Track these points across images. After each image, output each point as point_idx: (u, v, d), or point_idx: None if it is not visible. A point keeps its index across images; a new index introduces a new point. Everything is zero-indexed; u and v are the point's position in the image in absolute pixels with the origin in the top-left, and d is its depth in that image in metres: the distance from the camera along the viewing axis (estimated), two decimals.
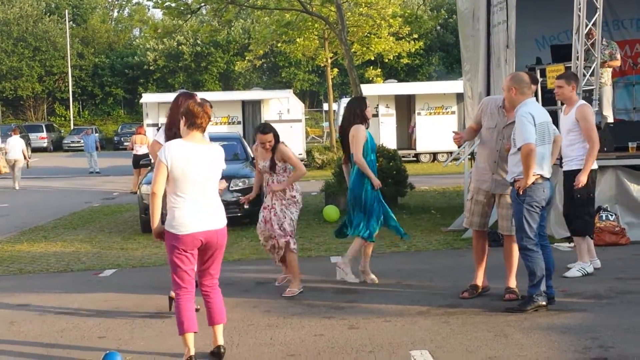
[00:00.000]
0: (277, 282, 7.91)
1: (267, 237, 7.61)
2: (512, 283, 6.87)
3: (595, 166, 7.80)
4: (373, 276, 7.85)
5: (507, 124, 6.66)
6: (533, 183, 6.29)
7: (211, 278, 5.57)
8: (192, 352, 5.31)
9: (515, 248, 6.75)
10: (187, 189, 5.30)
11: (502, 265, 7.02)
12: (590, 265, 7.83)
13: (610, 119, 11.02)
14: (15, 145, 22.38)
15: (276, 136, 7.70)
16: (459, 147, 7.29)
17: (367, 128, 7.84)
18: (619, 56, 11.12)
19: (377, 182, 7.68)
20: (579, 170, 7.60)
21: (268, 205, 7.65)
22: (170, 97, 28.39)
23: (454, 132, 7.10)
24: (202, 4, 20.44)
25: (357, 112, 7.80)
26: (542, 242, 6.49)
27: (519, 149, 6.25)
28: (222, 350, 5.46)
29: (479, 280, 7.06)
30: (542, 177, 6.35)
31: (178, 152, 5.28)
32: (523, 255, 6.41)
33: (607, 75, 10.78)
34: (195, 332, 5.34)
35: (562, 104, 8.25)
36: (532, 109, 6.35)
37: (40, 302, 7.56)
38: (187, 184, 5.30)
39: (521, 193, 6.31)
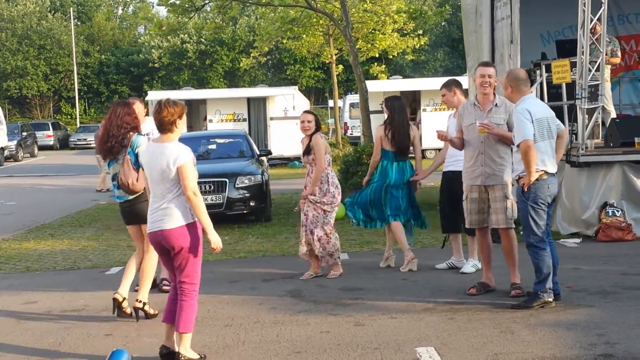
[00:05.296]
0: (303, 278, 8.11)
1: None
2: (517, 279, 6.87)
3: None
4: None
5: (484, 115, 6.83)
6: (537, 180, 6.29)
7: (180, 279, 5.45)
8: (165, 342, 5.48)
9: (514, 242, 6.83)
10: (150, 188, 5.58)
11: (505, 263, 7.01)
12: (479, 262, 7.62)
13: (613, 114, 11.00)
14: None
15: (317, 123, 8.07)
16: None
17: None
18: (619, 53, 11.11)
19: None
20: None
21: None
22: (175, 94, 28.45)
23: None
24: (207, 1, 20.43)
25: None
26: (546, 239, 6.48)
27: (519, 146, 6.27)
28: (171, 353, 5.39)
29: (488, 280, 7.06)
30: (546, 172, 6.35)
31: (143, 152, 5.71)
32: (530, 252, 6.41)
33: (607, 71, 10.75)
34: (167, 324, 5.47)
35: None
36: (529, 106, 6.34)
37: (47, 300, 7.60)
38: (149, 183, 5.57)
39: (526, 190, 6.31)
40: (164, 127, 5.43)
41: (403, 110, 8.28)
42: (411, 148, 8.30)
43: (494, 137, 6.80)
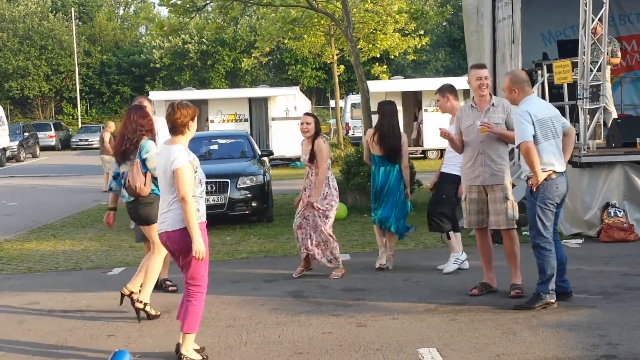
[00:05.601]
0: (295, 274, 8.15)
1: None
2: (518, 279, 6.86)
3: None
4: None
5: (482, 115, 6.85)
6: (545, 179, 6.27)
7: (185, 280, 5.48)
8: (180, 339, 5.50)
9: (516, 242, 6.82)
10: (160, 189, 5.63)
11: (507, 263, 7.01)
12: (462, 253, 8.04)
13: (615, 115, 11.00)
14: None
15: (317, 125, 8.03)
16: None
17: None
18: (619, 54, 11.11)
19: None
20: (455, 175, 7.58)
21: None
22: (177, 95, 28.44)
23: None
24: (208, 1, 20.43)
25: None
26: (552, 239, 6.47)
27: (519, 148, 6.29)
28: (177, 352, 5.43)
29: (490, 280, 7.06)
30: (554, 172, 6.33)
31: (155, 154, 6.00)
32: (536, 253, 6.39)
33: (607, 72, 10.75)
34: (180, 321, 5.49)
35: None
36: (529, 107, 6.33)
37: (49, 301, 7.61)
38: (159, 184, 5.65)
39: (534, 190, 6.30)
40: (176, 129, 5.46)
41: (393, 114, 8.33)
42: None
43: (493, 137, 6.80)
